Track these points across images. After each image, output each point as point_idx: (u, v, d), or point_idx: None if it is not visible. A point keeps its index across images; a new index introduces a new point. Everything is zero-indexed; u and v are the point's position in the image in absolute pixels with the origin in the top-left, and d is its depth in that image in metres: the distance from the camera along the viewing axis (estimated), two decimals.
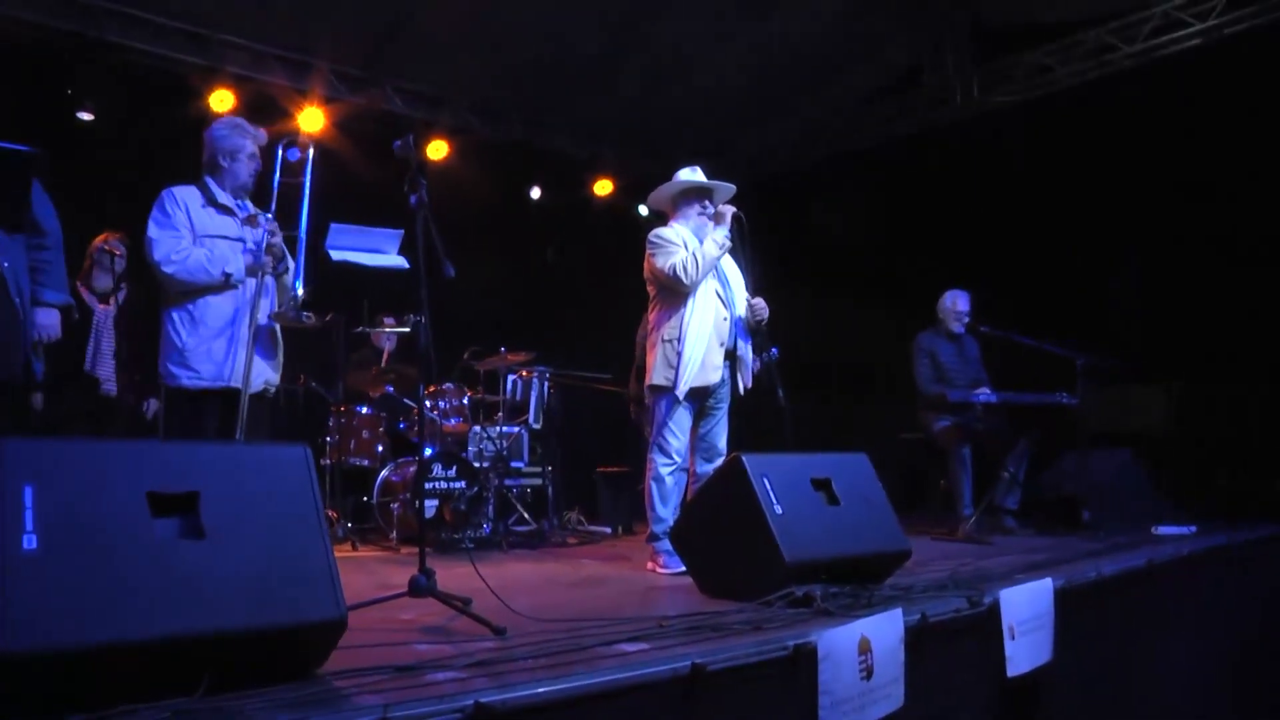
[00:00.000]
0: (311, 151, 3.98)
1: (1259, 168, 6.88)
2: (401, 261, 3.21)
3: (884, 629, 2.97)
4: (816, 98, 8.99)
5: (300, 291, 3.77)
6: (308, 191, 3.91)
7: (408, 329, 6.04)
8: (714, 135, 9.41)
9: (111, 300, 5.69)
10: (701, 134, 9.24)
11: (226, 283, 3.89)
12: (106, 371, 5.60)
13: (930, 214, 8.61)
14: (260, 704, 1.93)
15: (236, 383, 3.87)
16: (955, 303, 6.53)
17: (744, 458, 3.41)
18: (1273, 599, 6.20)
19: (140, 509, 2.06)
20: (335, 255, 3.04)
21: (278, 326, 4.11)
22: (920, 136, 8.77)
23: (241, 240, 4.02)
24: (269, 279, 4.06)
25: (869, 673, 2.88)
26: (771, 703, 2.60)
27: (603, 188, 9.23)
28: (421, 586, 2.90)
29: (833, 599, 3.11)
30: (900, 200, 8.85)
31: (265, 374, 4.05)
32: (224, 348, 3.90)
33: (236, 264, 3.92)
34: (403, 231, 3.32)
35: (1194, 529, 5.83)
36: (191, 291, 3.90)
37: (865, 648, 2.88)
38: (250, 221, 4.05)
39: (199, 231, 3.94)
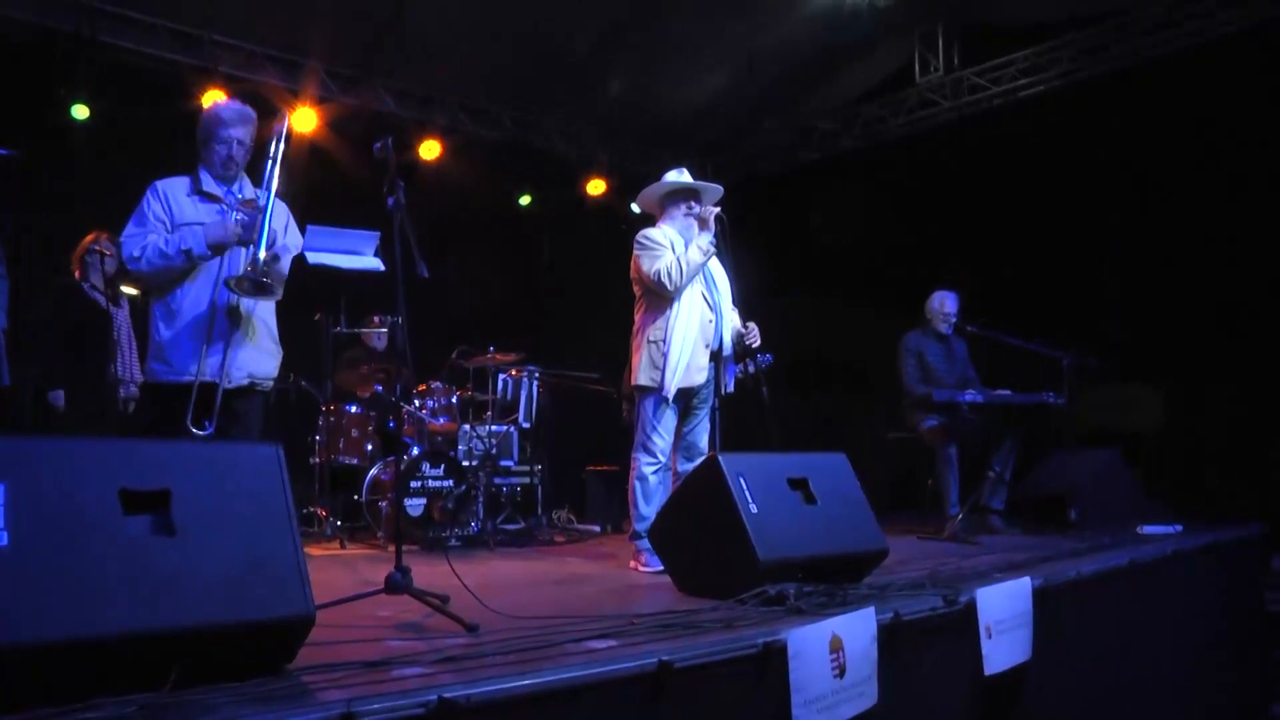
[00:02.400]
0: (286, 123, 3.89)
1: (1254, 166, 6.89)
2: (377, 263, 3.23)
3: (856, 627, 2.99)
4: (808, 99, 9.02)
5: (262, 255, 3.58)
6: (278, 160, 3.78)
7: (384, 329, 6.07)
8: (706, 136, 9.45)
9: (123, 301, 5.71)
10: (694, 134, 9.28)
11: (190, 261, 3.69)
12: (137, 375, 5.60)
13: (922, 214, 8.64)
14: (227, 698, 1.96)
15: (212, 377, 3.69)
16: (943, 304, 6.55)
17: (720, 457, 3.43)
18: (1256, 597, 6.24)
19: (112, 506, 2.08)
20: (312, 258, 3.05)
21: (272, 324, 3.92)
22: (911, 137, 8.81)
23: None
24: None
25: (841, 671, 2.90)
26: (741, 700, 2.62)
27: (595, 187, 9.25)
28: (397, 584, 2.93)
29: (806, 597, 3.13)
30: (891, 201, 8.88)
31: (247, 367, 3.81)
32: (199, 341, 3.71)
33: (196, 240, 3.70)
34: (379, 233, 3.34)
35: (1180, 528, 5.85)
36: (171, 282, 3.75)
37: (837, 646, 2.90)
38: (246, 207, 3.81)
39: (177, 220, 3.79)
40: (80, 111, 6.75)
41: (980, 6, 7.98)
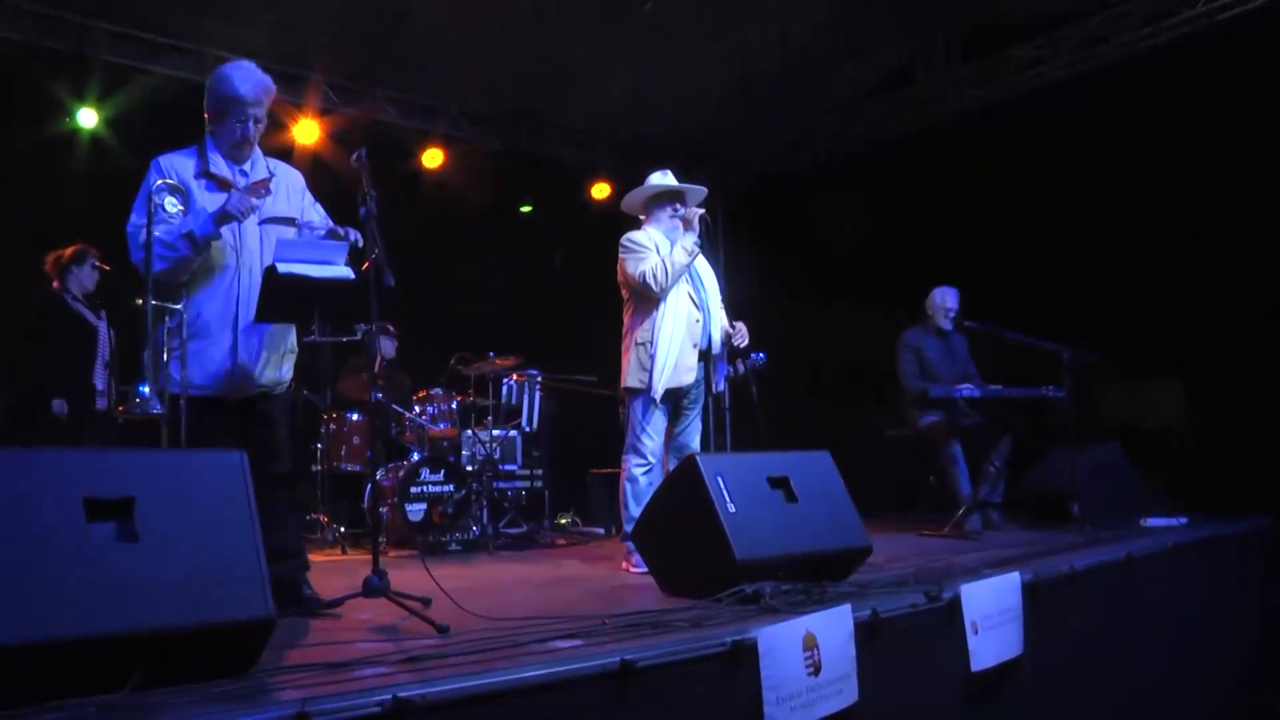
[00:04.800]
0: None
1: (1265, 157, 6.80)
2: (347, 272, 3.27)
3: (831, 625, 3.00)
4: (808, 99, 9.02)
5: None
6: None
7: (393, 337, 6.13)
8: (707, 137, 9.46)
9: (102, 313, 5.81)
10: (695, 136, 9.29)
11: (195, 245, 3.28)
12: (104, 385, 5.70)
13: (924, 212, 8.60)
14: (185, 698, 2.00)
15: (226, 390, 3.43)
16: (945, 299, 6.54)
17: (698, 457, 3.46)
18: (1266, 590, 6.18)
19: (76, 514, 2.14)
20: (282, 268, 3.09)
21: (286, 329, 3.62)
22: (912, 135, 8.76)
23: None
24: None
25: (816, 668, 2.91)
26: (711, 698, 2.62)
27: (600, 191, 9.29)
28: (374, 587, 2.97)
29: (783, 596, 3.15)
30: (893, 199, 8.85)
31: (261, 379, 3.51)
32: (212, 352, 3.41)
33: (197, 221, 3.29)
34: (348, 243, 3.38)
35: (1184, 521, 5.81)
36: (189, 281, 3.37)
37: (811, 643, 2.91)
38: (257, 189, 3.45)
39: (190, 208, 3.40)
40: (87, 117, 6.83)
41: (980, 1, 7.94)
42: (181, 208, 3.40)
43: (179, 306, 3.35)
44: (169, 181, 3.40)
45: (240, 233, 3.44)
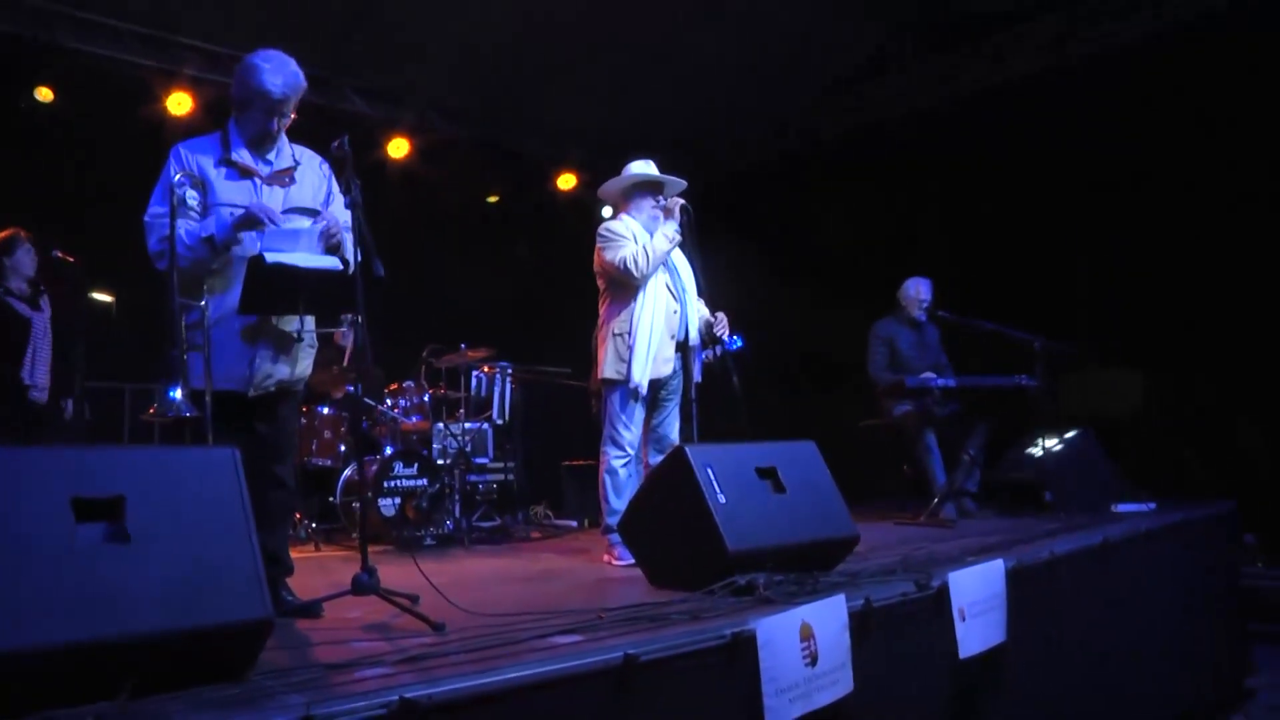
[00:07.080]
0: None
1: (1225, 153, 6.89)
2: (334, 262, 3.20)
3: (826, 615, 2.99)
4: (781, 92, 9.00)
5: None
6: None
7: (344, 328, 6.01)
8: (679, 130, 9.41)
9: (41, 304, 5.63)
10: (666, 129, 9.24)
11: (214, 250, 3.18)
12: (41, 379, 5.51)
13: (896, 203, 8.63)
14: (184, 705, 1.94)
15: (239, 386, 3.30)
16: (918, 290, 6.57)
17: (687, 448, 3.43)
18: (1230, 573, 6.29)
19: (64, 515, 2.06)
20: (270, 258, 3.02)
21: (306, 323, 3.47)
22: (883, 127, 8.78)
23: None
24: None
25: (813, 659, 2.90)
26: (711, 692, 2.61)
27: (565, 181, 9.22)
28: (364, 585, 2.91)
29: (776, 586, 3.13)
30: (866, 191, 8.86)
31: (277, 375, 3.41)
32: (229, 349, 3.28)
33: (219, 225, 3.17)
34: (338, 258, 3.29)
35: (1153, 506, 5.90)
36: (200, 284, 3.23)
37: (807, 634, 2.90)
38: (280, 178, 3.35)
39: (211, 200, 3.26)
40: (43, 94, 6.63)
41: None
42: (202, 199, 3.26)
43: (201, 303, 3.22)
44: (189, 174, 3.25)
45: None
